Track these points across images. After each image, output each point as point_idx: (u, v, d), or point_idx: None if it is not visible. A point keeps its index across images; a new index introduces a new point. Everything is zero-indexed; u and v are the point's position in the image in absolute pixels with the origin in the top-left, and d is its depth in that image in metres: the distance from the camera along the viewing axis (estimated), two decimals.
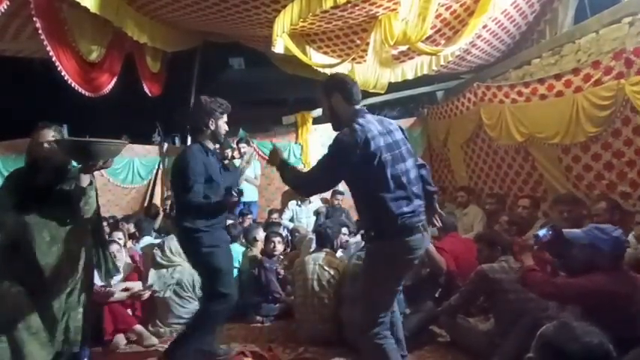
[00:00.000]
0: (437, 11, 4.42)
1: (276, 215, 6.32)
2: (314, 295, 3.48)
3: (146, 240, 5.01)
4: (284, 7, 4.11)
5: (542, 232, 2.47)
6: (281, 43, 4.64)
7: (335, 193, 6.73)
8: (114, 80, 5.37)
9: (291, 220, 6.43)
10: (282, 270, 4.34)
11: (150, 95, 6.46)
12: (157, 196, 7.69)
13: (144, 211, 7.22)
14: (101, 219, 2.83)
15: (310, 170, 2.53)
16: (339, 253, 4.05)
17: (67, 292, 2.39)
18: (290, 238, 5.42)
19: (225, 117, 3.01)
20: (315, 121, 7.32)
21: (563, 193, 4.21)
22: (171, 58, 6.92)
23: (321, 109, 2.54)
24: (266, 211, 6.72)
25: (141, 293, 3.75)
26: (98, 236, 2.71)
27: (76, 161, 2.37)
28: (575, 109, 4.00)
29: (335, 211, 6.16)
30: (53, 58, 4.33)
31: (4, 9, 3.68)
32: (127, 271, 3.99)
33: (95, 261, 2.72)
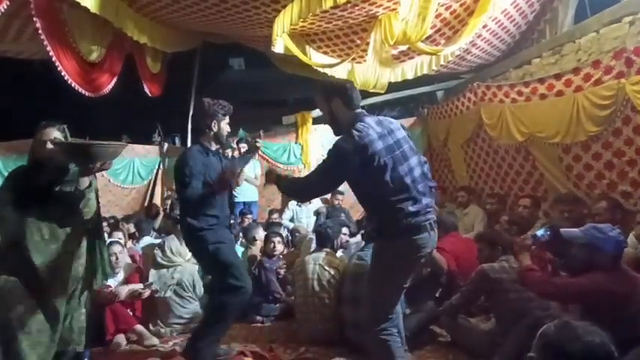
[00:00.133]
0: (437, 11, 4.42)
1: (276, 215, 6.32)
2: (314, 295, 3.48)
3: (146, 240, 5.02)
4: (284, 7, 4.11)
5: (540, 231, 2.48)
6: (281, 43, 4.65)
7: (335, 193, 6.72)
8: (114, 80, 5.39)
9: (292, 220, 6.43)
10: (282, 270, 4.34)
11: (150, 95, 6.47)
12: (157, 196, 7.70)
13: (144, 211, 7.23)
14: (101, 220, 2.82)
15: (307, 176, 2.56)
16: (339, 253, 4.04)
17: (69, 293, 2.38)
18: (290, 238, 5.42)
19: (227, 119, 3.04)
20: (315, 121, 7.31)
21: (563, 192, 4.20)
22: (171, 59, 6.92)
23: (322, 114, 2.57)
24: (266, 211, 6.71)
25: (141, 292, 3.75)
26: (98, 237, 2.70)
27: (74, 164, 2.35)
28: (576, 109, 4.00)
29: (335, 211, 6.16)
30: (53, 59, 4.34)
31: (4, 9, 3.69)
32: (128, 272, 3.98)
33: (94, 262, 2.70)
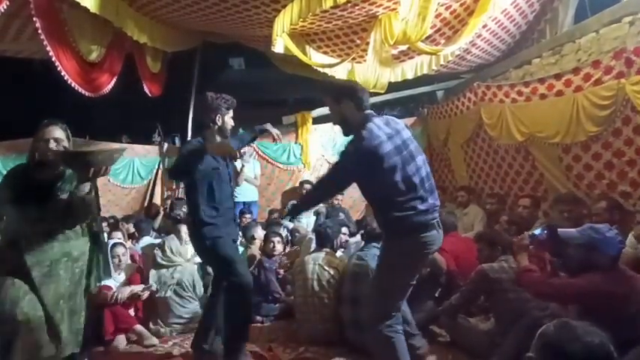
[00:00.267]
0: (437, 11, 4.41)
1: (276, 215, 6.31)
2: (314, 294, 3.48)
3: (146, 240, 5.01)
4: (284, 7, 4.11)
5: (537, 231, 2.48)
6: (281, 42, 4.64)
7: None
8: (114, 80, 5.38)
9: (291, 220, 6.42)
10: (282, 270, 4.34)
11: (150, 95, 6.47)
12: (157, 196, 7.69)
13: (144, 211, 7.22)
14: (101, 222, 2.80)
15: (320, 180, 2.71)
16: (339, 253, 4.04)
17: (69, 294, 2.37)
18: (290, 237, 5.42)
19: (231, 112, 3.04)
20: (315, 121, 7.31)
21: (563, 192, 4.20)
22: (171, 58, 6.92)
23: (330, 114, 2.63)
24: (266, 211, 6.71)
25: (140, 294, 3.75)
26: (96, 239, 2.68)
27: (73, 171, 2.33)
28: (576, 109, 4.00)
29: (335, 211, 6.15)
30: (53, 58, 4.33)
31: (3, 9, 3.69)
32: (129, 273, 3.98)
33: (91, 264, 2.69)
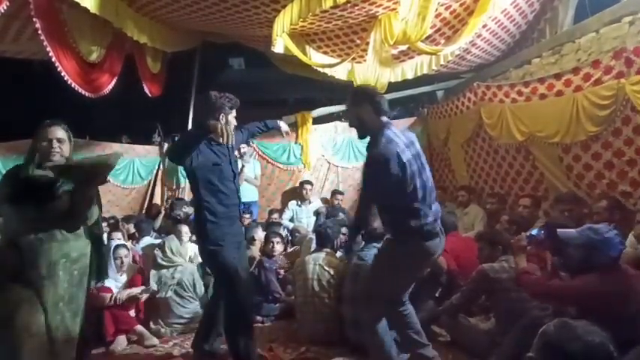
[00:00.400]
0: (437, 10, 4.41)
1: (276, 215, 6.31)
2: (314, 294, 3.49)
3: (146, 240, 5.01)
4: (284, 7, 4.11)
5: (535, 231, 2.49)
6: (281, 42, 4.64)
7: (335, 193, 6.73)
8: (114, 81, 5.38)
9: (291, 220, 6.42)
10: (282, 270, 4.34)
11: (150, 95, 6.46)
12: (157, 196, 7.67)
13: (144, 211, 7.22)
14: (101, 224, 2.78)
15: (361, 196, 2.74)
16: (339, 253, 4.04)
17: (69, 297, 2.37)
18: (290, 238, 5.42)
19: (234, 112, 3.02)
20: (315, 121, 7.31)
21: (564, 192, 4.21)
22: (171, 59, 6.91)
23: (348, 115, 2.70)
24: (266, 211, 6.70)
25: (139, 296, 3.75)
26: (97, 241, 2.67)
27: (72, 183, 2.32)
28: (576, 109, 4.00)
29: (335, 211, 6.15)
30: (53, 59, 4.33)
31: (3, 10, 3.69)
32: (130, 273, 3.97)
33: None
